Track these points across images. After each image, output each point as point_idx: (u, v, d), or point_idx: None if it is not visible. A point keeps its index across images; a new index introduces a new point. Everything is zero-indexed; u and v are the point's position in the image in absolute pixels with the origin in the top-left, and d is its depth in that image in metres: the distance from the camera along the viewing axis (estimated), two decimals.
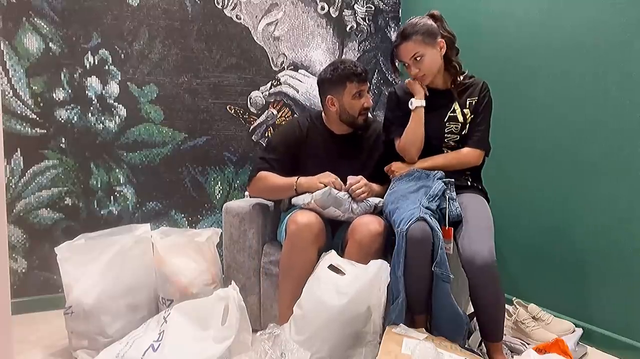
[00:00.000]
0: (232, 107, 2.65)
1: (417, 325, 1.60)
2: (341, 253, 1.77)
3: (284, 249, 1.80)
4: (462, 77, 1.86)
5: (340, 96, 1.93)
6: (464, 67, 1.88)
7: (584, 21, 1.97)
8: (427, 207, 1.61)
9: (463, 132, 1.85)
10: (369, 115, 2.05)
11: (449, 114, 1.85)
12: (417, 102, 1.82)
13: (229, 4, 2.61)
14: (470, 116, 1.84)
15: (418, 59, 1.79)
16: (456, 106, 1.85)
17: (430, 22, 1.80)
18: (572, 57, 2.03)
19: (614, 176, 1.88)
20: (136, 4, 2.41)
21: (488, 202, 1.85)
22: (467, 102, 1.85)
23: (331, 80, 1.93)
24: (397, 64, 1.92)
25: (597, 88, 1.93)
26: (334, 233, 1.94)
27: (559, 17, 2.08)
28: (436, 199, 1.65)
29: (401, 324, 1.51)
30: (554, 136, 2.11)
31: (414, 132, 1.83)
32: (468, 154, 1.84)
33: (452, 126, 1.84)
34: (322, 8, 2.83)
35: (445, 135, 1.85)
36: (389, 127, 1.95)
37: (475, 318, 1.70)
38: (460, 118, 1.84)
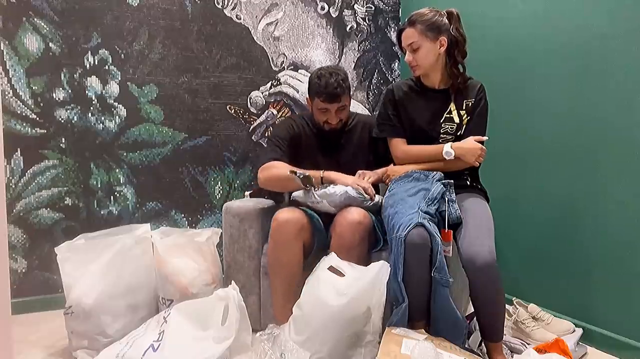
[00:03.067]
0: (232, 107, 2.65)
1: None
2: None
3: (268, 248, 1.81)
4: (459, 78, 1.86)
5: (312, 103, 1.98)
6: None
7: (578, 22, 1.97)
8: (426, 212, 1.60)
9: (459, 133, 1.84)
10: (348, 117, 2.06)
11: (445, 114, 1.85)
12: (450, 155, 1.78)
13: (229, 4, 2.61)
14: (466, 117, 1.84)
15: (415, 48, 1.80)
16: (452, 106, 1.85)
17: (442, 18, 1.80)
18: (567, 57, 2.03)
19: (614, 175, 1.88)
20: (136, 4, 2.41)
21: (487, 201, 1.85)
22: (464, 104, 1.85)
23: (309, 85, 1.98)
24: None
25: (594, 87, 1.93)
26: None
27: (555, 18, 2.08)
28: (435, 202, 1.65)
29: None
30: (553, 136, 2.10)
31: (418, 157, 1.84)
32: None
33: (447, 126, 1.84)
34: (322, 8, 2.83)
35: (441, 135, 1.85)
36: (382, 125, 1.95)
37: (475, 318, 1.70)
38: (456, 119, 1.84)
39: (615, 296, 1.89)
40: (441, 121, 1.85)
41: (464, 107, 1.84)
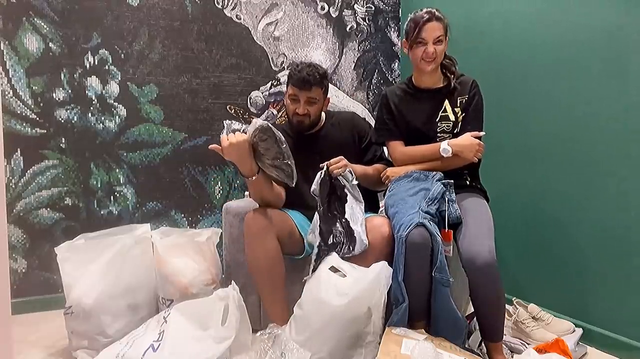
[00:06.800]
0: (232, 107, 2.65)
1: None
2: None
3: (244, 247, 1.78)
4: (454, 76, 1.87)
5: (285, 94, 1.97)
6: (461, 67, 1.89)
7: (578, 18, 1.97)
8: (426, 212, 1.60)
9: (455, 131, 1.85)
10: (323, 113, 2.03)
11: (440, 113, 1.85)
12: (447, 152, 1.78)
13: (229, 4, 2.61)
14: (462, 114, 1.85)
15: (439, 42, 1.80)
16: (447, 104, 1.86)
17: None
18: (566, 55, 2.03)
19: (614, 175, 1.88)
20: (136, 4, 2.41)
21: (487, 201, 1.85)
22: (458, 101, 1.86)
23: (287, 76, 1.98)
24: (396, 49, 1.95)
25: (594, 85, 1.93)
26: None
27: (554, 13, 2.08)
28: (435, 202, 1.65)
29: None
30: (553, 135, 2.10)
31: (416, 157, 1.84)
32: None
33: (443, 125, 1.85)
34: (322, 8, 2.83)
35: (438, 134, 1.85)
36: (379, 130, 1.96)
37: (475, 318, 1.70)
38: (452, 117, 1.85)
39: (615, 296, 1.89)
40: (437, 120, 1.85)
41: (458, 105, 1.85)
